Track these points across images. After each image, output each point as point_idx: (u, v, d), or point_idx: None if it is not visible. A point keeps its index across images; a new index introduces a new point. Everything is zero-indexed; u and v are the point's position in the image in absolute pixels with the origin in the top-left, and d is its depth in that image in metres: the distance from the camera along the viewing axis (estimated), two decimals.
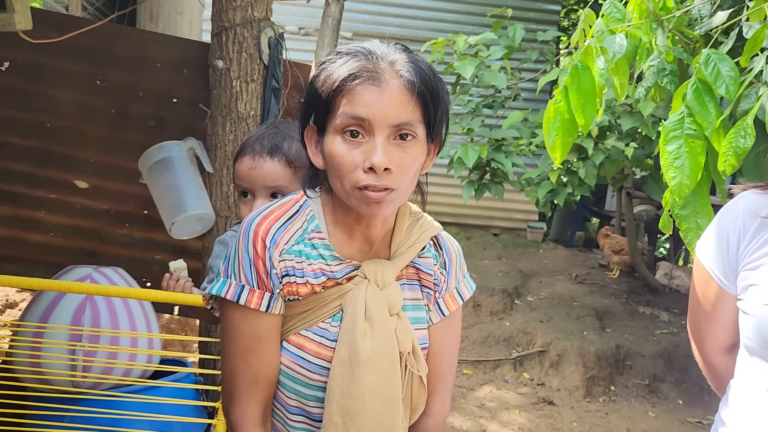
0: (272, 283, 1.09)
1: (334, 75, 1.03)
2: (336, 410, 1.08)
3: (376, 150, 1.00)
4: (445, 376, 1.25)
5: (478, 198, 4.42)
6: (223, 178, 2.38)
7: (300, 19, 6.70)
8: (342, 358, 1.08)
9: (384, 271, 1.12)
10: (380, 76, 1.02)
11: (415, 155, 1.05)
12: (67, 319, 2.09)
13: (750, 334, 1.17)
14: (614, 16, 2.17)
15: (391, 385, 1.11)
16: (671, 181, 1.76)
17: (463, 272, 1.27)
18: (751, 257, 1.18)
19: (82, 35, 2.37)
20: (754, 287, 1.17)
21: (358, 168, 1.02)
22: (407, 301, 1.18)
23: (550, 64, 5.28)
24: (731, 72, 1.76)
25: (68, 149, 2.71)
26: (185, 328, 3.75)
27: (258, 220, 1.10)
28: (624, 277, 5.96)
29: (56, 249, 2.95)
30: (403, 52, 1.07)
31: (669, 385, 4.44)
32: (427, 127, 1.06)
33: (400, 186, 1.04)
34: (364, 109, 1.01)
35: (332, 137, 1.04)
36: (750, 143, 1.65)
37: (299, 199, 1.14)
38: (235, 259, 1.10)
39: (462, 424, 3.74)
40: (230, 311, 1.11)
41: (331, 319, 1.11)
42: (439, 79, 1.08)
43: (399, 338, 1.13)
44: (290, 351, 1.11)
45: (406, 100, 1.02)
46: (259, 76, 2.31)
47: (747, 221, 1.20)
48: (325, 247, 1.11)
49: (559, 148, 2.02)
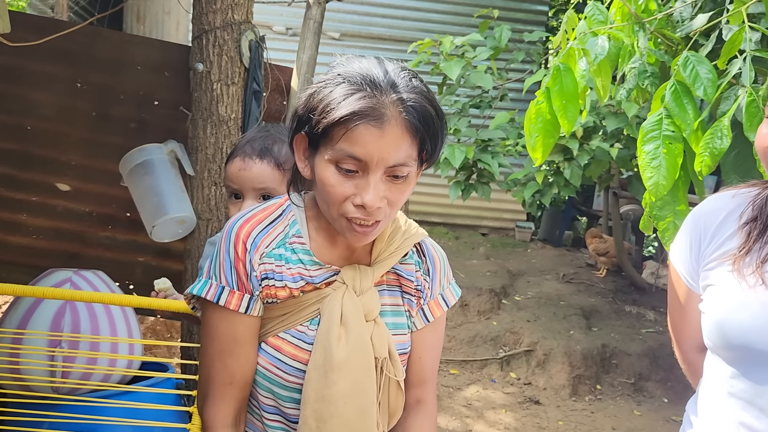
0: (252, 286, 1.10)
1: (335, 109, 0.99)
2: (310, 413, 1.09)
3: (369, 189, 1.01)
4: (430, 380, 1.27)
5: (464, 198, 4.43)
6: (204, 181, 2.37)
7: (288, 19, 6.69)
8: (317, 363, 1.09)
9: (362, 277, 1.14)
10: (383, 116, 0.98)
11: (406, 189, 1.06)
12: (47, 324, 2.08)
13: (708, 334, 1.19)
14: (597, 18, 2.18)
15: (364, 391, 1.12)
16: (648, 181, 1.77)
17: (448, 279, 1.27)
18: (709, 258, 1.20)
19: (62, 38, 2.36)
20: (711, 287, 1.19)
21: (348, 200, 1.03)
22: (387, 306, 1.19)
23: (536, 64, 5.30)
24: (709, 74, 1.77)
25: (49, 152, 2.70)
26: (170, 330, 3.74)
27: (240, 223, 1.11)
28: (611, 276, 6.00)
29: (38, 252, 2.94)
30: (409, 86, 1.02)
31: (654, 384, 4.47)
32: (419, 158, 1.05)
33: (388, 217, 1.06)
34: (363, 150, 0.99)
35: (326, 164, 1.02)
36: (726, 144, 1.66)
37: (283, 204, 1.16)
38: (217, 261, 1.12)
39: (448, 423, 3.75)
40: (210, 311, 1.13)
41: (309, 322, 1.12)
42: (441, 112, 1.05)
43: (375, 344, 1.14)
44: (268, 353, 1.13)
45: (405, 142, 1.01)
46: (239, 79, 2.31)
47: (708, 223, 1.22)
48: (304, 252, 1.12)
49: (540, 148, 2.03)
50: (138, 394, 2.09)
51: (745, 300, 1.12)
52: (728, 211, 1.21)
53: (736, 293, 1.13)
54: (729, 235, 1.19)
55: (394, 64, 1.07)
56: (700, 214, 1.25)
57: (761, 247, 1.14)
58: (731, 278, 1.15)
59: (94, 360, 2.07)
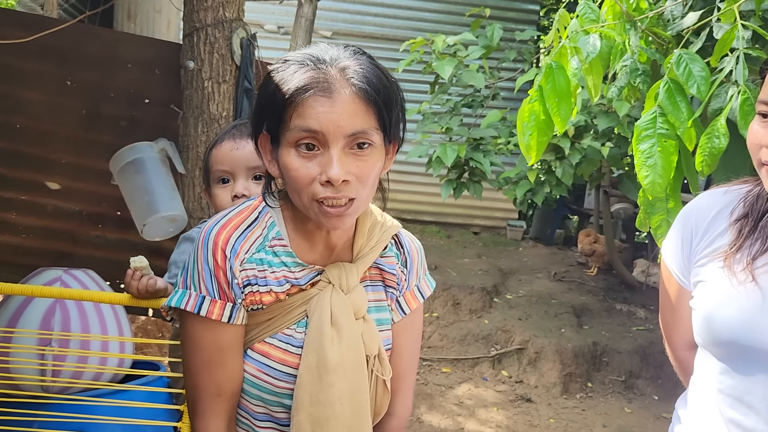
0: (234, 293, 1.06)
1: (283, 87, 1.00)
2: (305, 418, 1.07)
3: (332, 163, 0.98)
4: (407, 374, 1.25)
5: (456, 197, 4.44)
6: (195, 179, 2.36)
7: (279, 18, 6.67)
8: (310, 366, 1.07)
9: (348, 274, 1.11)
10: (331, 86, 0.98)
11: (373, 162, 1.03)
12: (37, 323, 2.06)
13: (698, 330, 1.19)
14: (588, 17, 2.19)
15: (360, 390, 1.11)
16: (644, 179, 1.78)
17: (424, 270, 1.26)
18: (700, 255, 1.21)
19: (52, 35, 2.34)
20: (701, 284, 1.20)
21: (315, 181, 1.00)
22: (371, 303, 1.17)
23: (528, 63, 5.31)
24: (702, 72, 1.78)
25: (39, 150, 2.68)
26: (161, 329, 3.72)
27: (216, 229, 1.07)
28: (602, 274, 6.02)
29: (28, 250, 2.92)
30: (354, 57, 1.03)
31: (645, 381, 4.49)
32: (383, 132, 1.04)
33: (360, 195, 1.02)
34: (315, 122, 0.98)
35: (287, 150, 1.01)
36: (724, 143, 1.67)
37: (257, 206, 1.12)
38: (194, 270, 1.07)
39: (440, 422, 3.75)
40: (191, 323, 1.09)
41: (296, 325, 1.10)
42: (393, 80, 1.05)
43: (366, 342, 1.12)
44: (255, 359, 1.09)
45: (359, 109, 0.99)
46: (231, 77, 2.30)
47: (700, 220, 1.23)
48: (287, 254, 1.09)
49: (534, 147, 2.03)
50: (129, 393, 2.08)
51: (735, 296, 1.12)
52: (719, 208, 1.22)
53: (726, 289, 1.14)
54: (720, 231, 1.20)
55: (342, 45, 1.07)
56: (692, 211, 1.26)
57: (752, 244, 1.15)
58: (722, 275, 1.16)
59: (84, 359, 2.06)
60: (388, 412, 1.23)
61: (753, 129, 1.15)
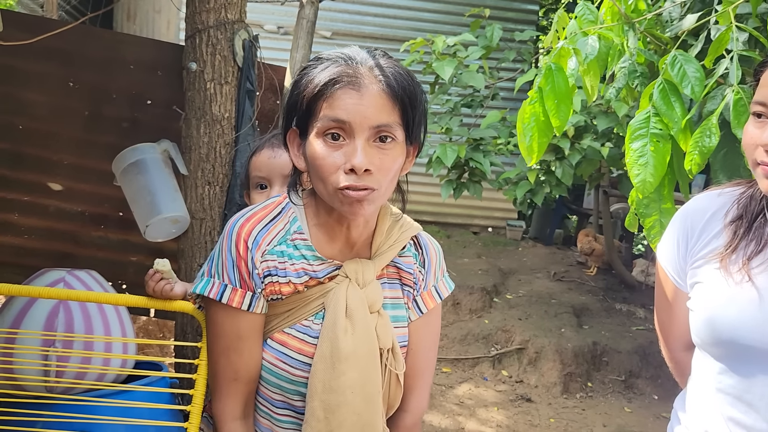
0: (254, 283, 1.13)
1: (315, 80, 1.06)
2: (318, 405, 1.12)
3: (357, 152, 1.04)
4: (423, 372, 1.29)
5: (456, 197, 4.46)
6: (197, 180, 2.37)
7: (279, 18, 6.68)
8: (324, 354, 1.12)
9: (365, 270, 1.16)
10: (360, 80, 1.05)
11: (395, 156, 1.08)
12: (40, 324, 2.07)
13: (696, 331, 1.21)
14: (587, 18, 2.20)
15: (371, 380, 1.15)
16: (635, 178, 1.79)
17: (443, 271, 1.31)
18: (697, 256, 1.23)
19: (54, 37, 2.35)
20: (698, 285, 1.22)
21: (340, 169, 1.05)
22: (387, 299, 1.21)
23: (527, 63, 5.33)
24: (697, 73, 1.79)
25: (41, 151, 2.69)
26: (163, 329, 3.73)
27: (241, 222, 1.14)
28: (601, 274, 6.04)
29: (31, 251, 2.92)
30: (382, 57, 1.10)
31: (644, 381, 4.51)
32: (405, 130, 1.09)
33: (381, 186, 1.07)
34: (344, 112, 1.03)
35: (314, 140, 1.07)
36: (715, 142, 1.69)
37: (282, 202, 1.19)
38: (219, 260, 1.14)
39: (441, 422, 3.77)
40: (213, 309, 1.16)
41: (314, 317, 1.15)
42: (417, 83, 1.12)
43: (379, 335, 1.17)
44: (274, 348, 1.15)
45: (385, 104, 1.05)
46: (233, 79, 2.31)
47: (695, 221, 1.25)
48: (307, 248, 1.15)
49: (534, 148, 2.04)
50: (132, 394, 2.09)
51: (732, 296, 1.14)
52: (714, 210, 1.24)
53: (723, 290, 1.16)
54: (716, 233, 1.22)
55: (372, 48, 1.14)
56: (687, 213, 1.28)
57: (747, 244, 1.17)
58: (718, 276, 1.17)
59: (88, 359, 2.07)
60: (403, 408, 1.27)
61: (748, 129, 1.17)
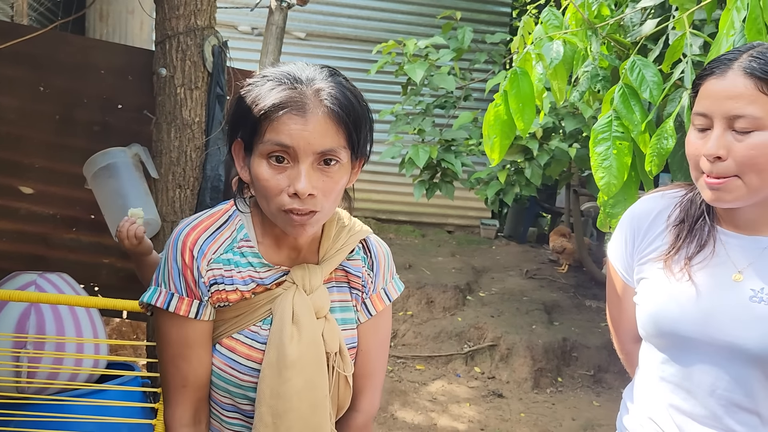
0: (200, 292, 1.14)
1: (260, 103, 1.06)
2: (266, 410, 1.14)
3: (301, 177, 1.05)
4: (374, 373, 1.31)
5: (429, 197, 4.52)
6: (168, 184, 2.41)
7: (254, 19, 6.68)
8: (271, 361, 1.14)
9: (311, 276, 1.18)
10: (305, 105, 1.05)
11: (339, 179, 1.10)
12: (11, 326, 2.09)
13: (642, 324, 1.30)
14: (552, 23, 2.26)
15: (317, 386, 1.18)
16: (600, 181, 1.85)
17: (392, 274, 1.32)
18: (642, 254, 1.31)
19: (25, 42, 2.37)
20: (644, 281, 1.30)
21: (283, 192, 1.06)
22: (335, 303, 1.23)
23: (498, 65, 5.42)
24: (655, 77, 1.86)
25: (12, 155, 2.70)
26: (136, 330, 3.74)
27: (186, 230, 1.14)
28: (572, 272, 6.15)
29: (2, 254, 2.92)
30: (329, 78, 1.10)
31: (612, 376, 4.62)
32: (351, 150, 1.10)
33: (324, 208, 1.09)
34: (288, 137, 1.04)
35: (259, 160, 1.07)
36: (672, 144, 1.76)
37: (228, 209, 1.19)
38: (165, 269, 1.15)
39: (414, 418, 3.83)
40: (161, 318, 1.16)
41: (262, 322, 1.16)
42: (364, 104, 1.12)
43: (326, 340, 1.18)
44: (222, 354, 1.16)
45: (329, 128, 1.06)
46: (203, 84, 2.35)
47: (641, 222, 1.33)
48: (253, 255, 1.16)
49: (497, 149, 2.10)
50: (105, 393, 2.13)
51: (673, 293, 1.23)
52: (658, 211, 1.32)
53: (666, 287, 1.25)
54: (659, 233, 1.30)
55: (319, 66, 1.14)
56: (633, 215, 1.36)
57: (688, 246, 1.25)
58: (662, 274, 1.26)
59: (60, 361, 2.10)
60: (355, 408, 1.30)
61: (690, 140, 1.23)
